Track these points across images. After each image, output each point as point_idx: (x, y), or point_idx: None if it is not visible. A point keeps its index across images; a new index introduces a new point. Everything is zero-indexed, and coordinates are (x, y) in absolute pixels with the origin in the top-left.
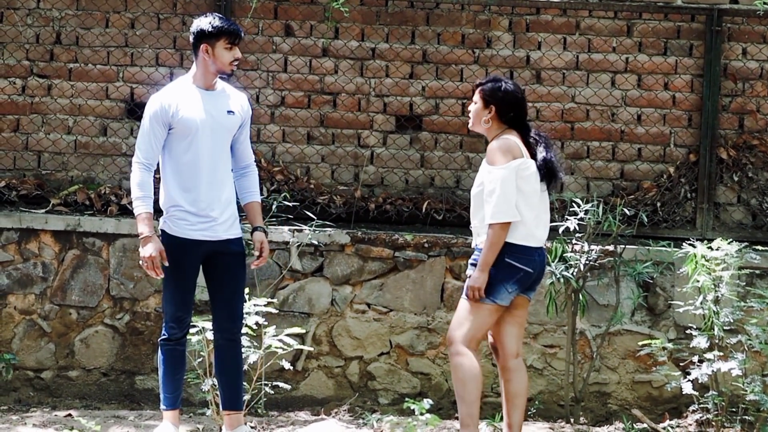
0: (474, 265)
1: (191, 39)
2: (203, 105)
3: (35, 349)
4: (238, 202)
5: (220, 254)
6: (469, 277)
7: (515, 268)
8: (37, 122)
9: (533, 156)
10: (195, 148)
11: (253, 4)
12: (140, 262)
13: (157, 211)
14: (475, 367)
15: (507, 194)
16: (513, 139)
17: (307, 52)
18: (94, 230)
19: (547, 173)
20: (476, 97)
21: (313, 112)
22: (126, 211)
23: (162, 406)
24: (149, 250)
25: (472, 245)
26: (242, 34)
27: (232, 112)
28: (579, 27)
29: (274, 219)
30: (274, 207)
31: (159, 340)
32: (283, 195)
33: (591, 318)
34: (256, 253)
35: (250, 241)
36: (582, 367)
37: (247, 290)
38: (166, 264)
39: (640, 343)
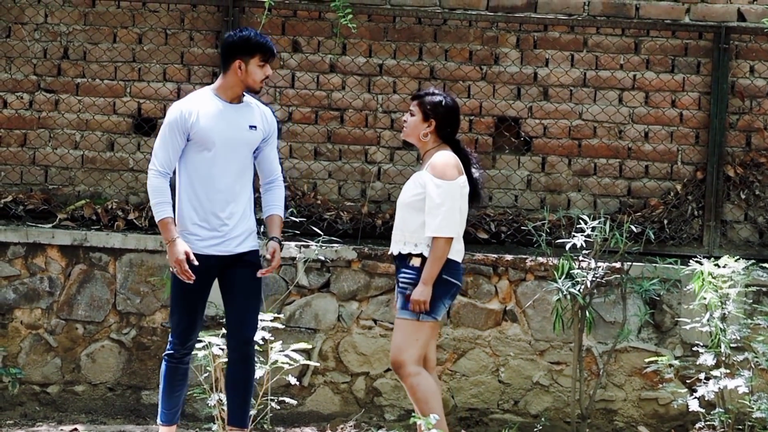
0: (404, 289)
1: (222, 51)
2: (225, 118)
3: (41, 363)
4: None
5: (234, 266)
6: (401, 296)
7: (450, 283)
8: (45, 137)
9: (466, 173)
10: (212, 161)
11: (261, 19)
12: (171, 268)
13: None
14: (431, 383)
15: (454, 209)
16: (454, 155)
17: (315, 67)
18: (101, 245)
19: (474, 193)
20: (414, 108)
21: (320, 127)
22: (133, 226)
23: (159, 421)
24: (176, 253)
25: (392, 252)
26: (276, 53)
27: (255, 126)
28: (586, 44)
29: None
30: None
31: (163, 354)
32: (290, 211)
33: (597, 335)
34: (267, 258)
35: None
36: (588, 384)
37: None
38: (196, 263)
39: (647, 360)
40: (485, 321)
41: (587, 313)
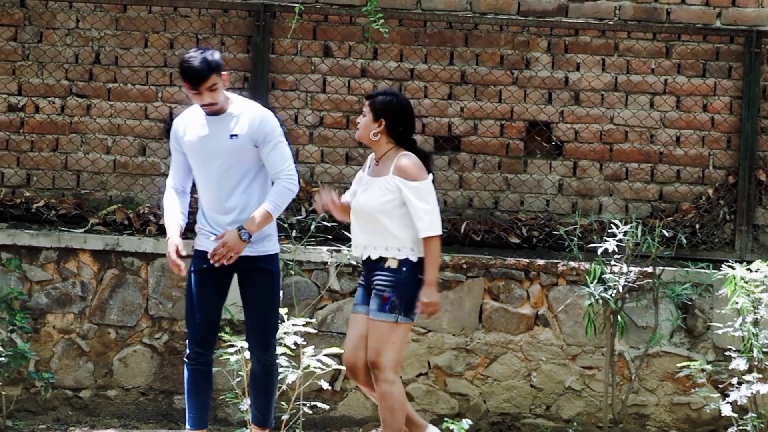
0: (381, 291)
1: None
2: (205, 130)
3: (74, 368)
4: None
5: (247, 271)
6: (388, 300)
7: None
8: (77, 142)
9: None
10: (200, 171)
11: (293, 24)
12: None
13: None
14: (402, 395)
15: (435, 207)
16: (416, 156)
17: (346, 72)
18: (133, 250)
19: None
20: (366, 108)
21: (351, 132)
22: (165, 231)
23: (187, 426)
24: (168, 247)
25: (363, 257)
26: (197, 87)
27: (236, 135)
28: (618, 48)
29: (312, 239)
30: (312, 227)
31: (184, 358)
32: (321, 215)
33: (629, 339)
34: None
35: (289, 261)
36: (620, 389)
37: (285, 310)
38: (183, 254)
39: (679, 365)
40: (517, 326)
41: (619, 317)
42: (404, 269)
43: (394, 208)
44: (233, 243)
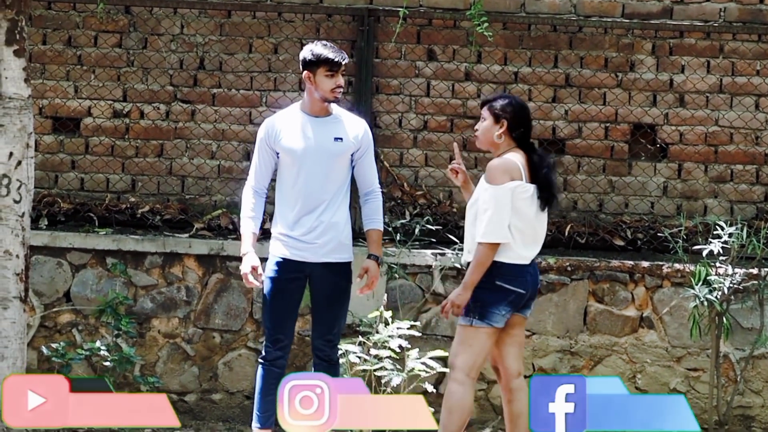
0: None
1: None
2: (308, 132)
3: (179, 372)
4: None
5: (319, 277)
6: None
7: (506, 290)
8: (181, 147)
9: (534, 176)
10: (297, 173)
11: (397, 28)
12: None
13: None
14: (467, 400)
15: (500, 215)
16: (514, 159)
17: (450, 76)
18: (238, 254)
19: (545, 195)
20: (485, 113)
21: (455, 136)
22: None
23: (254, 424)
24: (242, 267)
25: (462, 262)
26: (343, 62)
27: (340, 138)
28: (722, 50)
29: (417, 243)
30: (417, 230)
31: (258, 357)
32: (426, 219)
33: (735, 341)
34: (362, 280)
35: (393, 265)
36: (726, 391)
37: (390, 313)
38: (258, 282)
39: None
40: (622, 328)
41: (724, 319)
42: None
43: (480, 211)
44: (377, 272)
